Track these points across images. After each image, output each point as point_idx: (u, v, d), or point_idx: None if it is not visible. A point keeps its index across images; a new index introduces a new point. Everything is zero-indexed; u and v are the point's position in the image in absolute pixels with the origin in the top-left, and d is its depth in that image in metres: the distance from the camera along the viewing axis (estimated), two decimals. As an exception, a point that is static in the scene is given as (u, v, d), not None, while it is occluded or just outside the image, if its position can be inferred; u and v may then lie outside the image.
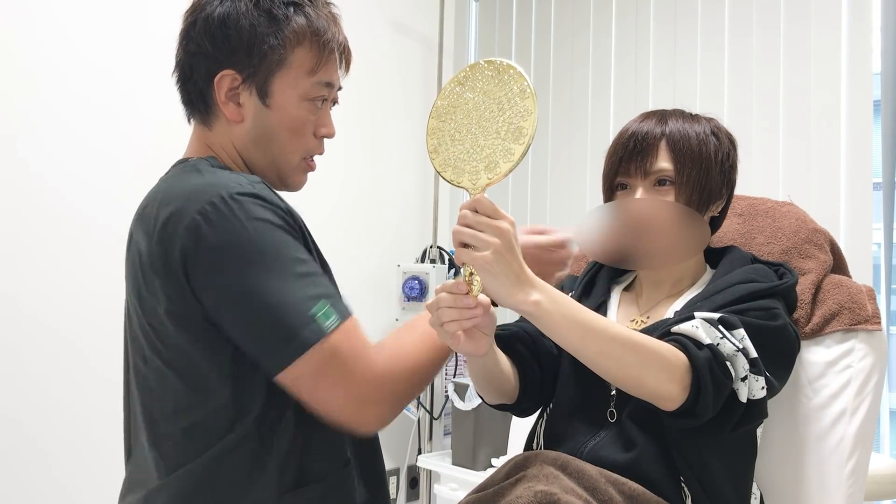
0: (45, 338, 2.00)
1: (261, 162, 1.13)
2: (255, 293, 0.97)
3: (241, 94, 1.10)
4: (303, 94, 1.11)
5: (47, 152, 2.03)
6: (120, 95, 2.17)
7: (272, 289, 0.97)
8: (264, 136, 1.12)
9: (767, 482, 1.29)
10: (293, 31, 1.09)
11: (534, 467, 1.05)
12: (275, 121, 1.11)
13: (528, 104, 1.00)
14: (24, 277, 1.97)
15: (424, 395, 2.84)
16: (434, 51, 2.99)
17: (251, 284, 0.97)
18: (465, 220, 0.95)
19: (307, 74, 1.11)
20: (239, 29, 1.07)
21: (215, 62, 1.09)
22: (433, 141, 1.06)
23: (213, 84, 1.09)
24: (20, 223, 1.98)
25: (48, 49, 2.02)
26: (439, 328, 1.02)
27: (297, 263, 1.00)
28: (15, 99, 1.98)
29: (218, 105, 1.10)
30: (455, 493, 2.47)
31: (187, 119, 1.16)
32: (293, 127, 1.12)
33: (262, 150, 1.12)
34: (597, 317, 1.02)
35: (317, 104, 1.13)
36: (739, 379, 1.06)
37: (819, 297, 1.32)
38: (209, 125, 1.13)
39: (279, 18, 1.08)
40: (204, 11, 1.09)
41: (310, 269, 1.02)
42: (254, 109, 1.10)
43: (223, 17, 1.08)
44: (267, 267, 0.98)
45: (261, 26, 1.08)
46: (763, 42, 2.36)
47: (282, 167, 1.15)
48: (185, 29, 1.12)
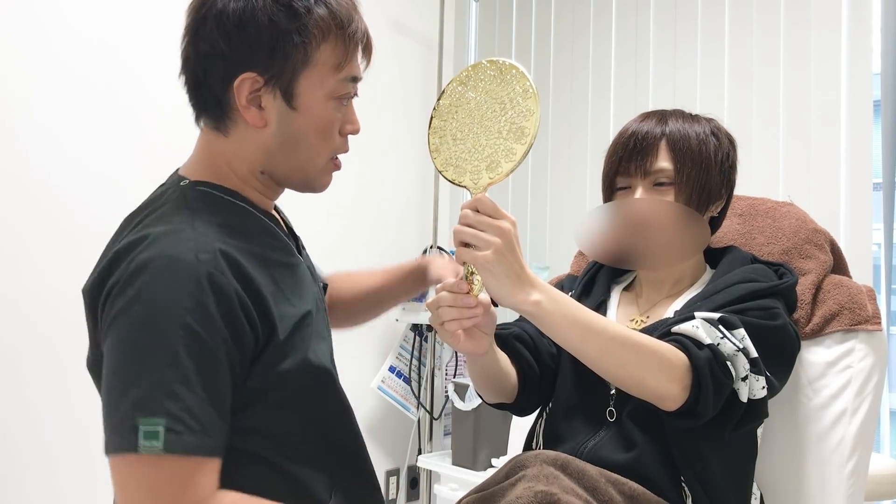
0: (47, 336, 2.00)
1: (284, 168, 1.05)
2: (114, 367, 0.89)
3: (262, 97, 0.99)
4: (330, 92, 1.02)
5: (48, 142, 2.00)
6: (127, 79, 2.14)
7: (126, 372, 0.88)
8: (291, 141, 1.02)
9: (768, 482, 1.29)
10: (317, 25, 0.99)
11: (534, 467, 1.05)
12: (301, 123, 1.01)
13: (531, 104, 1.00)
14: (24, 272, 1.97)
15: (425, 396, 2.84)
16: (434, 51, 2.99)
17: (117, 357, 0.89)
18: (467, 220, 0.96)
19: (333, 71, 1.01)
20: (258, 26, 0.97)
21: (233, 64, 0.98)
22: (435, 140, 1.06)
23: (231, 88, 0.98)
24: (20, 215, 1.97)
25: (49, 33, 2.01)
26: (439, 327, 1.03)
27: (175, 367, 0.87)
28: (14, 87, 1.95)
29: (237, 110, 1.00)
30: (455, 493, 2.47)
31: (196, 121, 1.06)
32: (321, 128, 1.03)
33: (287, 156, 1.03)
34: (597, 317, 1.02)
35: (343, 102, 1.04)
36: (740, 379, 1.06)
37: (819, 298, 1.32)
38: (225, 131, 1.02)
39: (300, 12, 0.98)
40: (215, 7, 0.98)
41: (181, 378, 0.87)
42: (278, 113, 1.00)
43: (239, 13, 0.97)
44: (139, 348, 0.88)
45: (281, 22, 0.97)
46: (763, 43, 2.36)
47: (308, 171, 1.06)
48: (193, 26, 1.00)
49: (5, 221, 1.94)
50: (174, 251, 0.91)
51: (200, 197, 1.00)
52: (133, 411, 0.86)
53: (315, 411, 1.03)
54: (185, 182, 1.02)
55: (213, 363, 0.90)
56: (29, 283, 1.98)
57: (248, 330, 0.93)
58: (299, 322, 1.01)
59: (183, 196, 1.00)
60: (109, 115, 2.11)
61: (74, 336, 2.03)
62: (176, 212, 0.97)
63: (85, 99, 2.07)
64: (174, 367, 0.87)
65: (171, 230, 0.94)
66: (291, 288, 1.03)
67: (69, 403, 2.02)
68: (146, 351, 0.88)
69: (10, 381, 1.94)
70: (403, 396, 2.77)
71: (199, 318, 0.89)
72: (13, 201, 1.95)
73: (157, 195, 1.04)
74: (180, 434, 0.86)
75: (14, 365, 1.95)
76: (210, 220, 0.97)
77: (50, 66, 2.01)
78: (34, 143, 1.98)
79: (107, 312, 0.92)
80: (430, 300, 1.04)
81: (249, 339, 0.94)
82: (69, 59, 2.04)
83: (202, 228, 0.95)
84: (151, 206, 1.01)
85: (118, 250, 0.94)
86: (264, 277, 0.98)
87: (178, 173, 1.06)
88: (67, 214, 2.04)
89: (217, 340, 0.90)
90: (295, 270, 1.06)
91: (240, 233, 0.99)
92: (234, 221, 1.00)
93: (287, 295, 1.01)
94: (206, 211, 0.98)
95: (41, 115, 1.99)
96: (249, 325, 0.94)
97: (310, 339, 1.02)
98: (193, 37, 1.00)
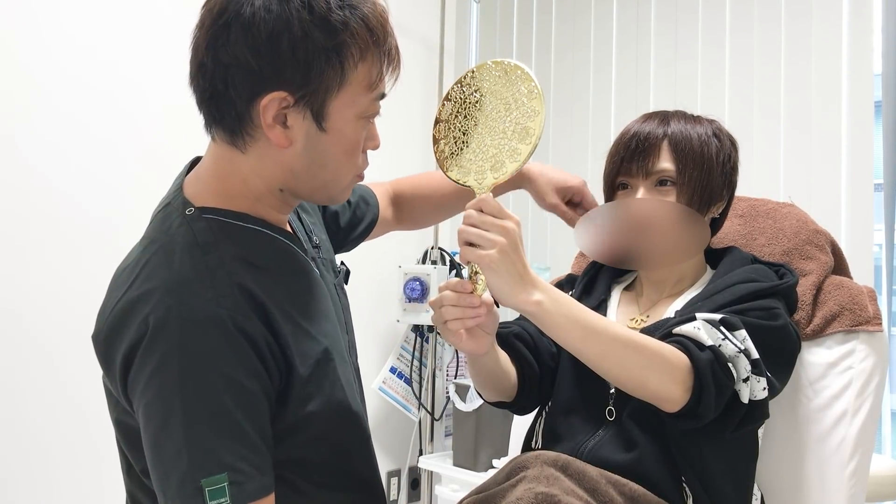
0: (47, 339, 2.00)
1: (307, 188, 0.98)
2: (159, 431, 0.87)
3: (289, 116, 0.91)
4: (360, 112, 0.95)
5: (46, 146, 2.01)
6: (124, 83, 2.15)
7: (175, 433, 0.86)
8: (317, 162, 0.95)
9: (768, 483, 1.29)
10: (355, 42, 0.91)
11: (534, 468, 1.05)
12: (329, 144, 0.94)
13: (536, 105, 1.01)
14: (22, 276, 1.97)
15: (426, 396, 2.84)
16: (435, 53, 2.99)
17: (161, 419, 0.87)
18: (471, 220, 0.96)
19: (366, 90, 0.94)
20: (293, 41, 0.87)
21: (261, 80, 0.89)
22: (439, 140, 1.06)
23: (255, 105, 0.90)
24: (20, 220, 1.97)
25: (46, 39, 2.01)
26: (442, 326, 1.03)
27: (224, 419, 0.86)
28: (12, 92, 1.95)
29: (259, 128, 0.92)
30: (456, 493, 2.47)
31: (206, 130, 0.98)
32: (350, 149, 0.96)
33: (311, 176, 0.96)
34: (598, 317, 1.02)
35: (370, 120, 0.98)
36: (741, 380, 1.06)
37: (820, 299, 1.32)
38: (242, 147, 0.94)
39: (337, 27, 0.89)
40: (242, 15, 0.88)
41: (232, 429, 0.87)
42: (305, 133, 0.92)
43: (271, 24, 0.87)
44: (183, 408, 0.86)
45: (317, 37, 0.88)
46: (764, 43, 2.36)
47: (332, 190, 1.00)
48: (213, 31, 0.90)
49: (3, 225, 1.95)
50: (195, 303, 0.87)
51: (209, 229, 0.94)
52: (193, 472, 0.85)
53: (339, 444, 1.03)
54: (191, 211, 0.95)
55: (257, 405, 0.90)
56: (27, 287, 1.98)
57: (274, 366, 0.92)
58: (321, 359, 0.98)
59: (190, 230, 0.93)
60: (106, 118, 2.12)
61: (74, 337, 2.03)
62: (186, 253, 0.92)
63: (82, 103, 2.08)
64: (224, 420, 0.86)
65: (186, 279, 0.89)
66: (312, 316, 1.00)
67: (71, 403, 2.03)
68: (192, 410, 0.86)
69: (10, 381, 1.95)
70: (404, 397, 2.77)
71: (235, 365, 0.88)
72: (11, 205, 1.96)
73: (160, 222, 0.98)
74: (242, 484, 0.87)
75: (12, 370, 1.95)
76: (224, 255, 0.92)
77: (47, 71, 2.01)
78: (32, 148, 1.99)
79: (135, 375, 0.88)
80: (432, 299, 1.04)
81: (276, 376, 0.93)
82: (66, 63, 2.05)
83: (217, 268, 0.91)
84: (158, 241, 0.95)
85: (131, 301, 0.90)
86: (283, 312, 0.94)
87: (183, 193, 0.99)
88: (66, 218, 2.05)
89: (255, 383, 0.89)
90: (315, 291, 1.03)
91: (255, 263, 0.95)
92: (249, 250, 0.96)
93: (307, 326, 0.98)
94: (218, 245, 0.93)
95: (38, 119, 2.00)
96: (275, 362, 0.92)
97: (334, 374, 1.00)
98: (212, 44, 0.90)
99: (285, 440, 0.95)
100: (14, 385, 1.95)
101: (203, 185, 0.99)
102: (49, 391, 2.00)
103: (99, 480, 1.99)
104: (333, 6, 0.89)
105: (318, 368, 0.97)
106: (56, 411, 2.01)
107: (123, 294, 0.91)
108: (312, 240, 1.12)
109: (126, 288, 0.92)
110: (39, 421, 1.99)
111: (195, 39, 0.93)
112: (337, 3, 0.90)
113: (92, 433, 2.04)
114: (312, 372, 0.96)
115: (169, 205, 0.99)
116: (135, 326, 0.88)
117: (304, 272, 1.02)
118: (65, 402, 2.02)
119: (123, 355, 0.89)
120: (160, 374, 0.86)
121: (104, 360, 0.94)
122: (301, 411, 0.96)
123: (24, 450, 1.96)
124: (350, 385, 1.03)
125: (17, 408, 1.95)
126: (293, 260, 1.02)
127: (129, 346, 0.88)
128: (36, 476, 1.98)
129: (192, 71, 0.93)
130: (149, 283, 0.90)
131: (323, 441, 1.00)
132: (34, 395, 1.98)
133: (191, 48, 0.93)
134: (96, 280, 2.03)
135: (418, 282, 2.66)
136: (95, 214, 2.09)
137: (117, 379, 0.92)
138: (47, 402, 2.00)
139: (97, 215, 2.09)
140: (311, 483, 1.00)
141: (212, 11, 0.91)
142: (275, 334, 0.92)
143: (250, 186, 0.97)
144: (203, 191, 0.98)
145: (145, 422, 0.89)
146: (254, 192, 0.98)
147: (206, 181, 0.99)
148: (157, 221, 0.99)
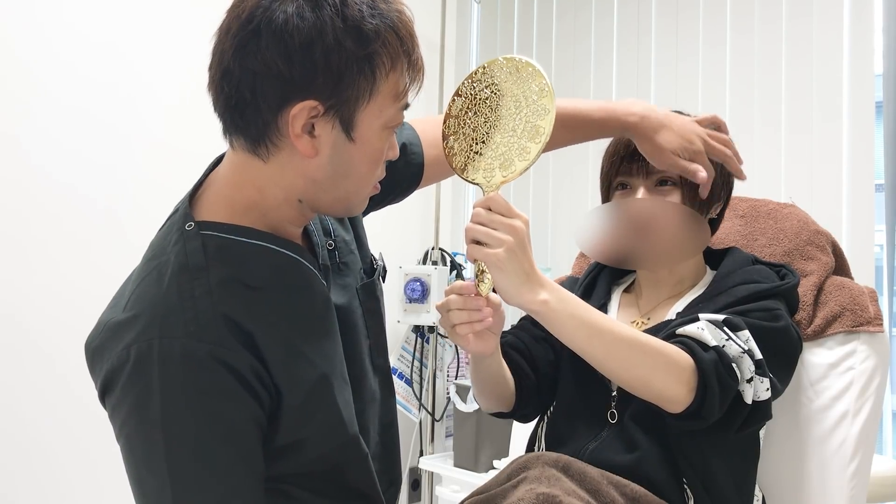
0: (50, 338, 2.00)
1: (328, 198, 0.96)
2: (140, 465, 0.87)
3: (317, 126, 0.89)
4: (386, 122, 0.93)
5: (49, 139, 2.00)
6: (129, 76, 2.14)
7: (158, 469, 0.85)
8: (340, 172, 0.93)
9: (769, 484, 1.29)
10: (387, 52, 0.89)
11: (535, 469, 1.05)
12: (355, 154, 0.92)
13: (546, 103, 1.00)
14: (26, 270, 1.97)
15: (426, 397, 2.84)
16: (436, 52, 2.99)
17: (143, 452, 0.87)
18: (479, 218, 0.95)
19: (393, 100, 0.92)
20: (326, 49, 0.85)
21: (291, 89, 0.87)
22: (448, 137, 1.06)
23: (284, 114, 0.88)
24: (22, 217, 1.97)
25: (47, 32, 2.01)
26: (450, 330, 1.03)
27: (203, 448, 0.86)
28: (14, 85, 1.94)
29: (286, 137, 0.89)
30: (457, 494, 2.47)
31: (225, 138, 0.95)
32: (374, 159, 0.95)
33: (334, 186, 0.94)
34: (604, 317, 1.02)
35: (394, 130, 0.96)
36: (745, 381, 1.06)
37: (821, 299, 1.32)
38: (264, 156, 0.91)
39: (369, 36, 0.87)
40: (274, 21, 0.85)
41: (215, 458, 0.86)
42: (332, 143, 0.90)
43: (305, 32, 0.85)
44: (166, 443, 0.85)
45: (350, 46, 0.86)
46: (765, 43, 2.36)
47: (352, 201, 0.98)
48: (241, 37, 0.87)
49: (6, 218, 1.94)
50: (175, 337, 0.86)
51: (201, 250, 0.91)
52: None
53: (336, 464, 1.01)
54: (191, 227, 0.93)
55: (242, 434, 0.89)
56: (30, 286, 1.98)
57: (264, 393, 0.91)
58: (316, 386, 0.95)
59: (183, 250, 0.91)
60: (111, 111, 2.11)
61: (77, 336, 2.03)
62: (175, 277, 0.90)
63: (86, 96, 2.06)
64: (206, 455, 0.86)
65: (171, 308, 0.88)
66: (310, 335, 0.97)
67: (69, 403, 2.03)
68: (173, 446, 0.85)
69: (12, 381, 1.94)
70: (405, 398, 2.77)
71: (218, 399, 0.86)
72: (14, 198, 1.95)
73: (163, 235, 0.97)
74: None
75: (15, 367, 1.95)
76: (212, 280, 0.90)
77: (50, 63, 2.00)
78: (34, 141, 1.98)
79: (116, 402, 0.88)
80: (439, 303, 1.04)
81: (266, 402, 0.92)
82: (69, 56, 2.04)
83: (202, 297, 0.89)
84: (156, 258, 0.94)
85: (119, 323, 0.89)
86: (275, 336, 0.92)
87: (189, 205, 0.97)
88: (71, 214, 2.04)
89: (240, 413, 0.88)
90: (316, 308, 1.00)
91: (249, 284, 0.92)
92: (243, 270, 0.93)
93: (302, 347, 0.95)
94: (209, 269, 0.90)
95: (41, 113, 1.99)
96: (264, 388, 0.91)
97: (330, 398, 0.97)
98: (240, 51, 0.87)
99: (279, 459, 0.94)
100: (16, 385, 1.94)
101: (214, 193, 0.97)
102: (51, 391, 2.00)
103: (99, 481, 1.99)
104: (366, 14, 0.87)
105: (311, 396, 0.94)
106: (56, 411, 2.01)
107: (116, 312, 0.91)
108: (328, 242, 1.08)
109: (120, 306, 0.92)
110: (39, 421, 1.98)
111: (219, 45, 0.90)
112: (369, 12, 0.88)
113: (92, 433, 2.04)
114: (305, 401, 0.94)
115: (176, 212, 0.98)
116: (117, 351, 0.87)
117: (306, 288, 0.98)
118: (65, 401, 2.01)
119: (104, 376, 0.89)
120: (140, 409, 0.86)
121: (89, 369, 0.94)
122: (294, 436, 0.94)
123: (24, 450, 1.96)
124: (348, 406, 1.01)
125: (17, 408, 1.95)
126: (294, 276, 0.98)
127: (109, 369, 0.88)
128: (36, 476, 1.97)
129: (216, 77, 0.90)
130: (137, 307, 0.89)
131: (318, 461, 0.99)
132: (35, 395, 1.98)
133: (213, 53, 0.90)
134: (101, 277, 2.03)
135: (419, 282, 2.65)
136: (100, 208, 2.08)
137: (97, 392, 0.92)
138: (48, 402, 2.00)
139: (102, 209, 2.08)
140: (307, 491, 0.99)
141: (239, 17, 0.87)
142: (263, 361, 0.90)
143: (267, 196, 0.95)
144: (213, 199, 0.97)
145: (127, 454, 0.89)
146: (269, 203, 0.95)
147: (218, 189, 0.97)
148: (162, 232, 0.98)
